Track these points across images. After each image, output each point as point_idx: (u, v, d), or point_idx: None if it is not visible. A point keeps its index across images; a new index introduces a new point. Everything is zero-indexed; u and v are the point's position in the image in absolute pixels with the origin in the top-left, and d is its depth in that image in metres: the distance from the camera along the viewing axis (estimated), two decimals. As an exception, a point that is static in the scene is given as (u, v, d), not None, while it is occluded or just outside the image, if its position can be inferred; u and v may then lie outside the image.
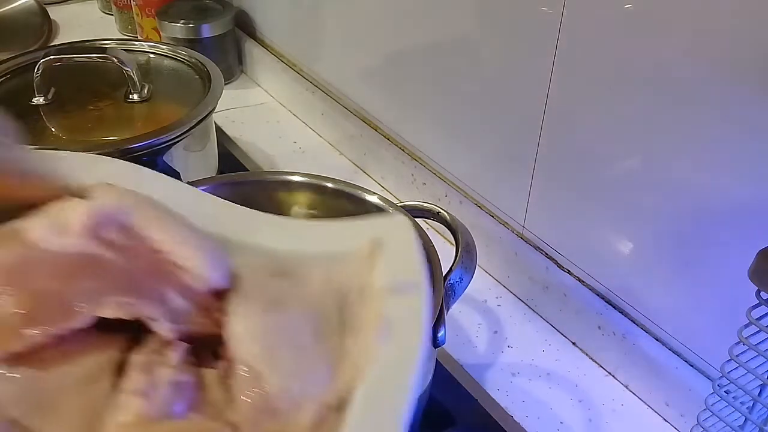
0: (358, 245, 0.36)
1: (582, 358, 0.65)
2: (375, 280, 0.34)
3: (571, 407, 0.61)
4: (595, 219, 0.61)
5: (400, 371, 0.30)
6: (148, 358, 0.30)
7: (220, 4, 1.04)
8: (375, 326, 0.31)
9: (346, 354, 0.31)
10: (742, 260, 0.39)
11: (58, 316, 0.29)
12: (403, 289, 0.33)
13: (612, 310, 0.62)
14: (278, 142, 0.94)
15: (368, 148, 0.86)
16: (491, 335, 0.67)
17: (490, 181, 0.71)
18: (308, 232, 0.39)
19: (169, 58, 0.84)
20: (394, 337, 0.31)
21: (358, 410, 0.29)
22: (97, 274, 0.31)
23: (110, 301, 0.30)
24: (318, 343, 0.31)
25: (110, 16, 1.19)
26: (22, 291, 0.29)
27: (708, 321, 0.55)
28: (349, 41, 0.86)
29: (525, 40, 0.61)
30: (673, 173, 0.53)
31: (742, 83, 0.46)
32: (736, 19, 0.45)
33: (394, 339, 0.31)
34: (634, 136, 0.55)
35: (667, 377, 0.58)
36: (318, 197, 0.59)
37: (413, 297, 0.32)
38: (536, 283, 0.68)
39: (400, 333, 0.31)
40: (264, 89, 1.05)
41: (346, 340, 0.32)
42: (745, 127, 0.47)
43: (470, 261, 0.55)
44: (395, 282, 0.33)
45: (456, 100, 0.72)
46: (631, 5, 0.51)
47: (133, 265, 0.31)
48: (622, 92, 0.54)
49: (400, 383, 0.30)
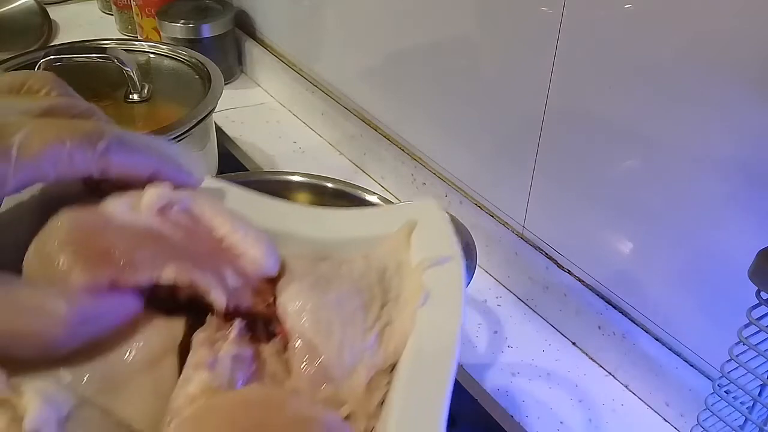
0: (392, 228, 0.38)
1: (582, 358, 0.65)
2: (412, 257, 0.36)
3: (571, 407, 0.61)
4: (595, 219, 0.61)
5: (443, 334, 0.32)
6: (209, 335, 0.32)
7: (220, 4, 1.04)
8: (416, 295, 0.34)
9: (391, 323, 0.34)
10: (742, 260, 0.39)
11: (126, 269, 0.31)
12: (440, 262, 0.35)
13: (612, 310, 0.62)
14: (278, 142, 0.94)
15: (368, 148, 0.86)
16: (491, 335, 0.67)
17: (490, 181, 0.71)
18: (343, 220, 0.41)
19: (169, 58, 0.84)
20: (436, 304, 0.34)
21: (407, 372, 0.32)
22: (161, 246, 0.33)
23: (170, 266, 0.32)
24: (365, 314, 0.34)
25: (110, 16, 1.19)
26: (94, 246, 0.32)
27: (708, 321, 0.55)
28: (349, 41, 0.86)
29: (525, 40, 0.61)
30: (672, 173, 0.53)
31: (742, 83, 0.46)
32: (737, 19, 0.45)
33: (436, 306, 0.33)
34: (634, 136, 0.55)
35: (667, 377, 0.58)
36: (318, 197, 0.59)
37: (450, 268, 0.35)
38: (536, 283, 0.68)
39: (440, 300, 0.34)
40: (264, 89, 1.06)
41: (391, 311, 0.34)
42: (745, 127, 0.47)
43: (470, 261, 0.54)
44: (431, 257, 0.35)
45: (456, 100, 0.72)
46: (631, 5, 0.51)
47: (195, 245, 0.34)
48: (621, 92, 0.54)
49: (445, 345, 0.32)
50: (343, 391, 0.32)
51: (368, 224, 0.39)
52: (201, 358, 0.31)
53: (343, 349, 0.32)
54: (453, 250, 0.36)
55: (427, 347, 0.32)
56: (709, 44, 0.47)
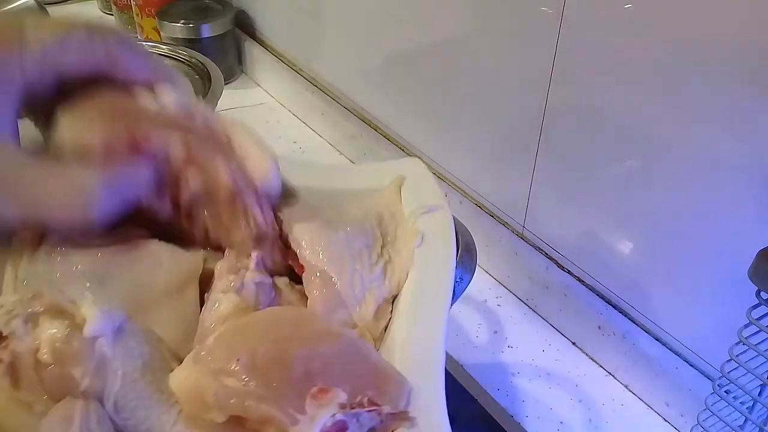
0: (382, 182, 0.42)
1: (582, 358, 0.65)
2: (404, 206, 0.40)
3: (571, 407, 0.61)
4: (595, 219, 0.61)
5: (439, 270, 0.37)
6: (232, 264, 0.35)
7: (220, 4, 1.04)
8: (412, 238, 0.38)
9: (392, 260, 0.38)
10: (742, 260, 0.39)
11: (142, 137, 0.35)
12: (430, 210, 0.39)
13: (612, 310, 0.62)
14: (278, 142, 0.94)
15: (368, 148, 0.86)
16: (491, 335, 0.67)
17: (490, 181, 0.71)
18: (336, 172, 0.45)
19: (169, 58, 0.84)
20: (429, 245, 0.38)
21: (408, 302, 0.36)
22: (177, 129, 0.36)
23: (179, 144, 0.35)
24: (370, 251, 0.37)
25: (110, 16, 1.19)
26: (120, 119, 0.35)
27: (708, 321, 0.55)
28: (349, 41, 0.86)
29: (525, 40, 0.61)
30: (672, 173, 0.53)
31: (742, 83, 0.46)
32: (737, 19, 0.45)
33: (430, 247, 0.38)
34: (634, 136, 0.55)
35: (667, 377, 0.58)
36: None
37: (439, 214, 0.39)
38: (536, 283, 0.68)
39: (433, 242, 0.38)
40: (264, 89, 1.06)
41: (391, 251, 0.38)
42: (745, 127, 0.47)
43: (470, 261, 0.54)
44: (421, 206, 0.40)
45: (456, 100, 0.72)
46: (631, 5, 0.51)
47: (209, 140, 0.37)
48: (621, 92, 0.54)
49: (440, 279, 0.36)
50: (355, 316, 0.35)
51: (360, 178, 0.43)
52: (228, 282, 0.34)
53: (354, 279, 0.36)
54: (441, 201, 0.40)
55: (425, 281, 0.36)
56: (709, 44, 0.47)
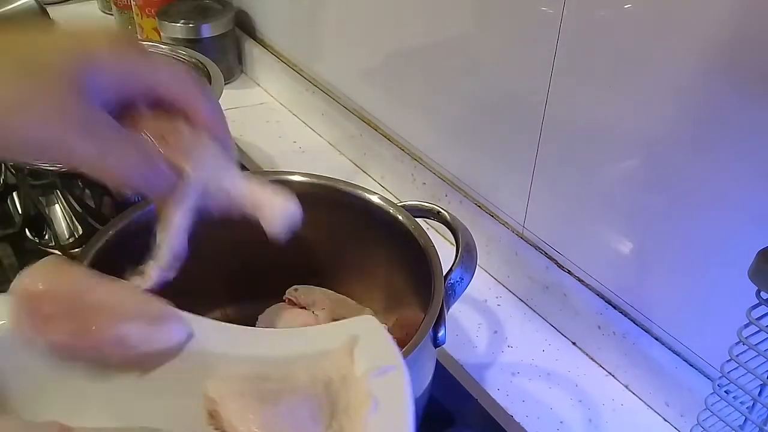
0: (333, 344, 0.39)
1: (582, 358, 0.65)
2: (356, 368, 0.38)
3: (571, 407, 0.61)
4: (595, 219, 0.61)
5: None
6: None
7: (220, 4, 1.04)
8: (365, 405, 0.35)
9: (344, 429, 0.35)
10: (742, 260, 0.39)
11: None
12: (384, 371, 0.37)
13: (612, 310, 0.62)
14: (278, 142, 0.94)
15: (368, 148, 0.86)
16: (491, 335, 0.67)
17: (490, 181, 0.71)
18: (283, 338, 0.42)
19: (169, 58, 0.84)
20: (384, 410, 0.35)
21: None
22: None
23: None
24: (316, 424, 0.35)
25: (110, 16, 1.19)
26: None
27: (708, 321, 0.55)
28: (349, 41, 0.86)
29: (525, 41, 0.61)
30: (672, 173, 0.53)
31: (743, 83, 0.46)
32: (737, 19, 0.45)
33: (384, 413, 0.35)
34: (633, 136, 0.55)
35: (667, 377, 0.58)
36: (318, 197, 0.59)
37: (394, 376, 0.36)
38: (536, 283, 0.68)
39: (388, 407, 0.35)
40: (264, 89, 1.05)
41: (341, 420, 0.36)
42: (745, 127, 0.47)
43: (470, 261, 0.54)
44: (375, 367, 0.37)
45: (456, 99, 0.72)
46: (631, 5, 0.51)
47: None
48: (621, 92, 0.54)
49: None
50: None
51: (309, 341, 0.41)
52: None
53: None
54: (396, 360, 0.37)
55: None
56: (709, 44, 0.47)
